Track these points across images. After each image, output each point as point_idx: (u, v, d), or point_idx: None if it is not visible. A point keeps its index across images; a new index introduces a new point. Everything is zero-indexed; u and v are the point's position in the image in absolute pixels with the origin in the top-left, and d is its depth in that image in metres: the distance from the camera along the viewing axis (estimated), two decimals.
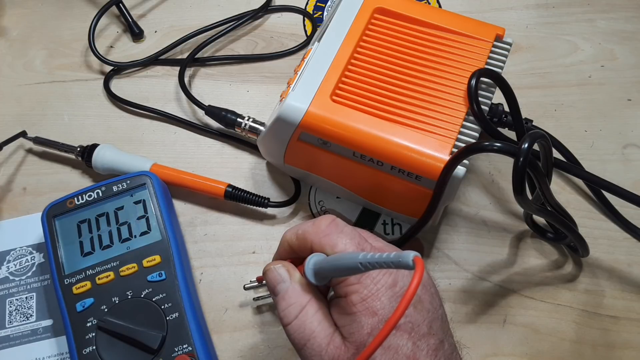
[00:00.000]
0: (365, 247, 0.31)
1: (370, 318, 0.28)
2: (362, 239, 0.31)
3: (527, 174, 0.32)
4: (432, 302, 0.30)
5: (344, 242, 0.30)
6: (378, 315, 0.28)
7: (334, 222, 0.31)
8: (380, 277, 0.29)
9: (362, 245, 0.31)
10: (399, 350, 0.28)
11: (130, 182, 0.41)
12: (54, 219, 0.40)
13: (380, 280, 0.29)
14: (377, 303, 0.29)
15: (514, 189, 0.32)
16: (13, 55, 0.52)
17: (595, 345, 0.40)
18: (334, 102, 0.37)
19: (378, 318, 0.28)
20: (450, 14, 0.42)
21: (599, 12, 0.54)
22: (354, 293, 0.29)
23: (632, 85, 0.50)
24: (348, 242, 0.30)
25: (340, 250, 0.30)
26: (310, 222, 0.32)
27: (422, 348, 0.28)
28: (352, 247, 0.30)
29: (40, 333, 0.40)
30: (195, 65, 0.51)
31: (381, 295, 0.29)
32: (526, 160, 0.31)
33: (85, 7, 0.55)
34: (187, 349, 0.35)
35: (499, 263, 0.43)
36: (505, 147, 0.32)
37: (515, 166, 0.31)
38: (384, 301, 0.29)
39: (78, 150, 0.45)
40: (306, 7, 0.55)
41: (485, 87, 0.39)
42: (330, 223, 0.31)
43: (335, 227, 0.31)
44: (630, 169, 0.46)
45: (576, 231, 0.38)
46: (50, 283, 0.41)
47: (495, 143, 0.33)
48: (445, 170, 0.35)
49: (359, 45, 0.40)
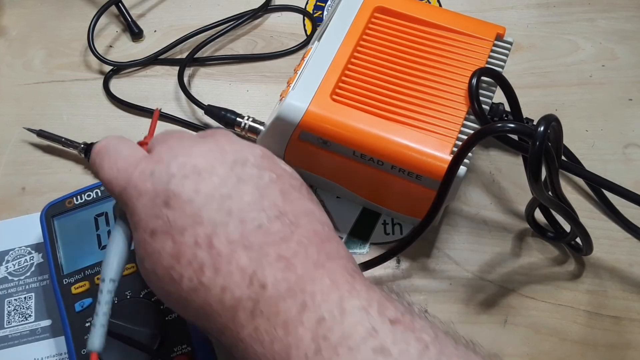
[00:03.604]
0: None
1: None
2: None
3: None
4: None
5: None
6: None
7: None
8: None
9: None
10: (162, 252, 0.27)
11: None
12: (52, 218, 0.40)
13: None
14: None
15: (531, 175, 0.30)
16: (12, 54, 0.52)
17: (597, 345, 0.40)
18: (334, 102, 0.37)
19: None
20: (451, 13, 0.41)
21: (599, 11, 0.54)
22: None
23: (633, 84, 0.50)
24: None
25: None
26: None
27: (188, 242, 0.26)
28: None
29: (39, 333, 0.40)
30: (195, 65, 0.51)
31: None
32: (543, 143, 0.29)
33: (84, 7, 0.55)
34: (186, 349, 0.35)
35: (499, 263, 0.42)
36: (521, 128, 0.31)
37: (532, 149, 0.30)
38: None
39: (82, 146, 0.45)
40: (306, 7, 0.54)
41: (486, 87, 0.39)
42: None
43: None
44: (632, 168, 0.46)
45: (582, 225, 0.37)
46: (49, 283, 0.41)
47: (509, 124, 0.31)
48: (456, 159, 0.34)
49: (359, 44, 0.40)
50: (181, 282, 0.26)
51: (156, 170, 0.28)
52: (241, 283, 0.25)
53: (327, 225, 0.29)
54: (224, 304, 0.26)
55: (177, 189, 0.27)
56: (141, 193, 0.28)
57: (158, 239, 0.27)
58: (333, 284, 0.25)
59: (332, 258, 0.27)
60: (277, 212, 0.27)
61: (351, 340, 0.23)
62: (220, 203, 0.27)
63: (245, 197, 0.27)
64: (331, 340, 0.23)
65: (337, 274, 0.26)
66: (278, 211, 0.27)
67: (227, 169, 0.28)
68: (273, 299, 0.25)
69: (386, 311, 0.25)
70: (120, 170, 0.29)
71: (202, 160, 0.28)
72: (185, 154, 0.29)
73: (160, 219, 0.27)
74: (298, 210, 0.28)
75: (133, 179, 0.29)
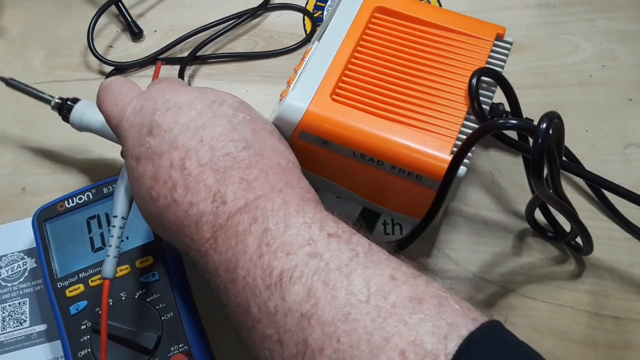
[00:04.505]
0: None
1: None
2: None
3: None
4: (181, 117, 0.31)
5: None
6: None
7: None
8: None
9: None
10: (144, 175, 0.31)
11: None
12: (44, 223, 0.39)
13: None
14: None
15: (533, 172, 0.30)
16: (12, 55, 0.52)
17: (597, 345, 0.40)
18: (334, 102, 0.37)
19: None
20: (451, 13, 0.41)
21: (599, 11, 0.54)
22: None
23: (633, 84, 0.50)
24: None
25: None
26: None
27: (165, 165, 0.30)
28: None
29: (35, 338, 0.40)
30: (195, 64, 0.51)
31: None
32: (546, 139, 0.30)
33: (84, 7, 0.55)
34: (183, 348, 0.35)
35: (499, 263, 0.42)
36: (524, 124, 0.31)
37: (535, 146, 0.30)
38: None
39: (57, 101, 0.43)
40: (306, 6, 0.54)
41: (486, 87, 0.39)
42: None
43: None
44: (632, 168, 0.46)
45: (583, 224, 0.37)
46: (42, 288, 0.41)
47: (511, 120, 0.31)
48: (457, 158, 0.34)
49: (359, 44, 0.40)
50: (158, 200, 0.30)
51: (145, 106, 0.33)
52: (206, 199, 0.29)
53: (292, 162, 0.33)
54: (191, 218, 0.29)
55: (159, 120, 0.31)
56: (131, 125, 0.32)
57: (141, 163, 0.31)
58: (284, 203, 0.29)
59: (290, 186, 0.30)
60: (245, 144, 0.31)
61: (290, 246, 0.27)
62: (194, 132, 0.31)
63: (218, 129, 0.31)
64: (273, 247, 0.27)
65: (290, 196, 0.29)
66: (246, 143, 0.31)
67: (205, 106, 0.32)
68: (231, 213, 0.28)
69: (326, 227, 0.28)
70: (118, 105, 0.34)
71: (184, 98, 0.32)
72: (171, 93, 0.33)
73: (143, 146, 0.31)
74: (265, 146, 0.32)
75: (126, 114, 0.33)
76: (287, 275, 0.26)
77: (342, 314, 0.24)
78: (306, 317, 0.25)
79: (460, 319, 0.24)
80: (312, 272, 0.26)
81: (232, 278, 0.28)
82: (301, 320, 0.25)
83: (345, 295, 0.25)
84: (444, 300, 0.25)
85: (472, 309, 0.25)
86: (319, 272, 0.26)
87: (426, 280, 0.26)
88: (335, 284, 0.25)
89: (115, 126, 0.34)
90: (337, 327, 0.24)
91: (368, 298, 0.25)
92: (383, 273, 0.26)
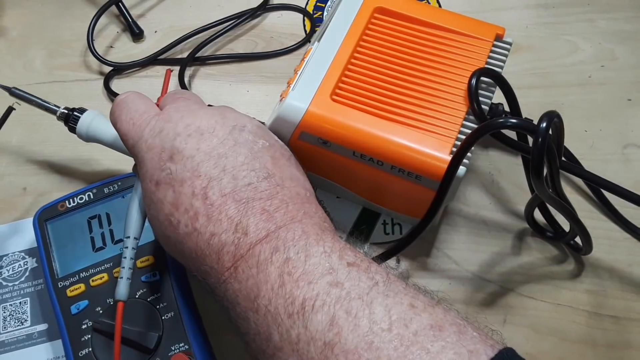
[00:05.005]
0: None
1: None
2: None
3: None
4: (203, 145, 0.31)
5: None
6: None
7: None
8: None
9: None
10: (164, 201, 0.31)
11: (121, 184, 0.41)
12: (45, 223, 0.40)
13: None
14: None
15: (533, 171, 0.31)
16: (13, 55, 0.52)
17: (596, 345, 0.40)
18: (334, 102, 0.37)
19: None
20: (450, 13, 0.41)
21: (599, 12, 0.54)
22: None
23: (633, 85, 0.50)
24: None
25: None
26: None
27: (187, 192, 0.30)
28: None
29: (36, 338, 0.40)
30: (195, 65, 0.51)
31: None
32: (546, 138, 0.30)
33: (85, 7, 0.55)
34: (183, 347, 0.35)
35: (499, 263, 0.42)
36: (524, 123, 0.31)
37: (535, 145, 0.30)
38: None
39: (63, 111, 0.42)
40: (306, 7, 0.55)
41: (485, 87, 0.39)
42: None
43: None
44: (631, 169, 0.46)
45: (582, 224, 0.37)
46: (43, 287, 0.41)
47: (511, 119, 0.32)
48: (456, 157, 0.34)
49: (359, 44, 0.40)
50: (178, 227, 0.30)
51: (165, 129, 0.32)
52: (228, 230, 0.29)
53: (309, 192, 0.33)
54: (212, 247, 0.29)
55: (181, 146, 0.31)
56: (150, 147, 0.32)
57: (161, 188, 0.31)
58: (304, 233, 0.29)
59: (309, 216, 0.31)
60: (266, 173, 0.31)
61: (311, 275, 0.27)
62: (217, 160, 0.31)
63: (240, 158, 0.31)
64: (294, 276, 0.27)
65: (309, 226, 0.30)
66: (267, 173, 0.31)
67: (226, 132, 0.32)
68: (252, 244, 0.29)
69: (345, 256, 0.28)
70: (135, 125, 0.33)
71: (205, 123, 0.32)
72: (191, 116, 0.33)
73: (164, 171, 0.31)
74: (285, 175, 0.32)
75: (144, 135, 0.33)
76: (310, 304, 0.26)
77: (365, 343, 0.24)
78: (329, 346, 0.25)
79: (480, 346, 0.24)
80: (334, 301, 0.26)
81: (253, 306, 0.28)
82: (324, 348, 0.25)
83: (367, 323, 0.25)
84: (462, 327, 0.25)
85: (488, 336, 0.26)
86: (340, 301, 0.26)
87: (443, 308, 0.27)
88: (357, 312, 0.25)
89: (131, 146, 0.34)
90: (361, 355, 0.24)
91: (390, 326, 0.25)
92: (403, 301, 0.26)
